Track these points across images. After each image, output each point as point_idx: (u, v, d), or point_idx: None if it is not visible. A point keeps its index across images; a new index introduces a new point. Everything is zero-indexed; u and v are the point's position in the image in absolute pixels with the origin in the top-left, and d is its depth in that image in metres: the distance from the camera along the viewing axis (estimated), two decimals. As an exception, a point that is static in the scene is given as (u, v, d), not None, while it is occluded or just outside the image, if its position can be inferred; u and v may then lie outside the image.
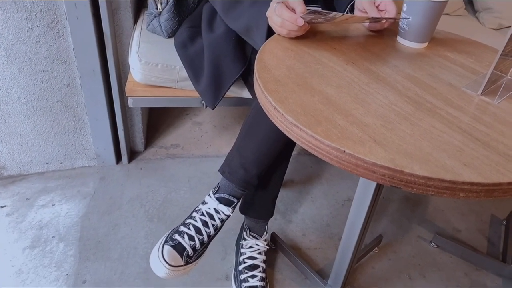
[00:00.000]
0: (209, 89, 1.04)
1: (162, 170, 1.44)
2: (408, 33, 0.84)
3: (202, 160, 1.50)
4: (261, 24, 0.84)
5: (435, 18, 0.82)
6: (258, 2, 0.86)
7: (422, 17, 0.81)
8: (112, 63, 1.22)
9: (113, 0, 1.18)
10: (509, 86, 0.73)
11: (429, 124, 0.60)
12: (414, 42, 0.84)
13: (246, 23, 0.89)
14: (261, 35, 0.85)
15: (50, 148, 1.35)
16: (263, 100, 0.66)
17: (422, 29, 0.83)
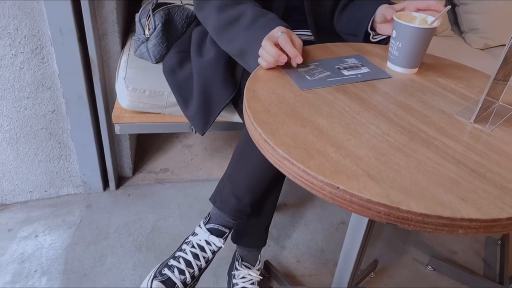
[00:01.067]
0: (199, 115, 1.02)
1: (151, 196, 1.40)
2: (398, 59, 0.83)
3: (192, 185, 1.46)
4: (255, 49, 0.83)
5: (425, 43, 0.81)
6: (253, 27, 0.85)
7: (412, 42, 0.80)
8: (99, 88, 1.20)
9: (100, 25, 1.17)
10: (500, 112, 0.72)
11: (423, 156, 0.59)
12: (405, 68, 0.84)
13: (240, 45, 0.88)
14: (255, 58, 0.84)
15: (34, 176, 1.31)
16: (253, 132, 0.64)
17: (412, 55, 0.82)
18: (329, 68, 0.83)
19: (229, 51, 0.93)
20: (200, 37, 1.08)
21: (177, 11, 1.16)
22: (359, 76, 0.80)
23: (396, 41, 0.82)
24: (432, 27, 0.80)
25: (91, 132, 1.26)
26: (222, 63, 0.99)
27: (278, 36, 0.77)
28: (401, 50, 0.82)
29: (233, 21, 0.88)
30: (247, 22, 0.86)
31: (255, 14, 0.86)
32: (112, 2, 1.14)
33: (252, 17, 0.85)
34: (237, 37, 0.87)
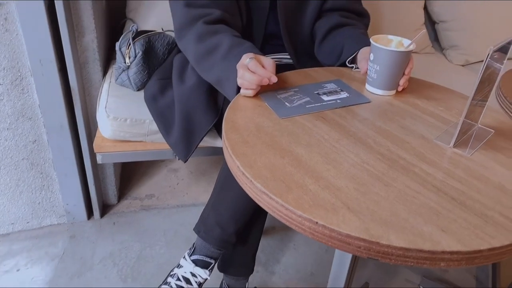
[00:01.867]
0: (181, 142, 1.01)
1: (136, 224, 1.37)
2: (377, 81, 0.84)
3: (179, 211, 1.44)
4: (231, 78, 0.83)
5: (402, 66, 0.82)
6: (229, 57, 0.86)
7: (390, 65, 0.81)
8: (80, 117, 1.18)
9: (81, 54, 1.16)
10: (480, 135, 0.72)
11: (403, 184, 0.58)
12: (383, 90, 0.84)
13: (217, 75, 0.88)
14: (232, 88, 0.84)
15: (15, 208, 1.28)
16: (231, 164, 0.63)
17: (390, 77, 0.83)
18: (308, 93, 0.83)
19: (208, 80, 0.93)
20: (182, 64, 1.07)
21: (157, 38, 1.16)
22: (338, 101, 0.80)
23: (374, 64, 0.83)
24: (409, 50, 0.81)
25: (73, 161, 1.24)
26: (204, 89, 0.98)
27: (247, 63, 0.77)
28: (379, 73, 0.82)
29: (210, 50, 0.88)
30: (223, 52, 0.86)
31: (231, 44, 0.86)
32: (92, 31, 1.14)
33: (228, 47, 0.86)
34: (214, 66, 0.87)
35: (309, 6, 1.04)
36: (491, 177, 0.61)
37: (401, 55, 0.80)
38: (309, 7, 1.04)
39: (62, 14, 1.04)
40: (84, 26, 1.13)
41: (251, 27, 1.03)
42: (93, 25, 1.13)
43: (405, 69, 0.83)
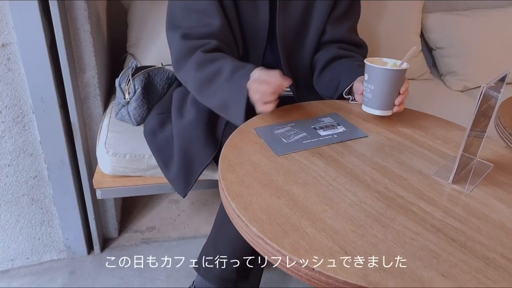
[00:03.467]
0: (179, 177, 1.01)
1: (137, 258, 1.35)
2: (372, 101, 0.84)
3: (180, 243, 1.42)
4: (238, 99, 0.84)
5: (397, 85, 0.82)
6: (233, 78, 0.87)
7: (384, 84, 0.82)
8: (81, 152, 1.19)
9: (82, 90, 1.18)
10: (479, 169, 0.72)
11: (401, 225, 0.57)
12: (379, 109, 0.85)
13: (222, 99, 0.88)
14: (240, 110, 0.84)
15: (15, 244, 1.27)
16: (227, 205, 0.62)
17: (385, 96, 0.83)
18: (305, 128, 0.83)
19: (211, 107, 0.93)
20: (181, 98, 1.08)
21: (157, 73, 1.17)
22: (335, 136, 0.80)
23: (368, 84, 0.83)
24: (402, 69, 0.81)
25: (74, 196, 1.24)
26: (203, 123, 0.99)
27: (257, 76, 0.79)
28: (374, 93, 0.83)
29: (212, 76, 0.89)
30: (227, 74, 0.87)
31: (233, 67, 0.87)
32: (93, 67, 1.16)
33: (231, 70, 0.87)
34: (218, 91, 0.88)
35: (308, 37, 1.06)
36: (492, 215, 0.60)
37: (394, 73, 0.81)
38: (308, 38, 1.06)
39: (63, 52, 1.07)
40: (85, 63, 1.15)
41: (248, 59, 1.05)
42: (94, 62, 1.16)
43: (400, 88, 0.83)
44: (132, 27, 1.39)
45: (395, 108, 0.85)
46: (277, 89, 0.78)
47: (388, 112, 0.85)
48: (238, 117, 0.84)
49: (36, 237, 1.29)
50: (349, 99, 0.96)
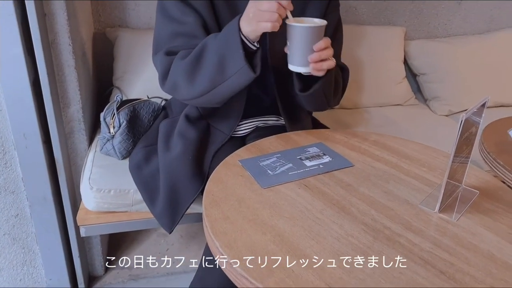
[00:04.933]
0: (165, 212, 0.99)
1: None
2: (290, 58, 0.85)
3: (169, 279, 1.38)
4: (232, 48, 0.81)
5: (309, 42, 0.81)
6: (220, 34, 0.85)
7: (296, 41, 0.82)
8: (65, 188, 1.16)
9: (66, 124, 1.17)
10: (465, 197, 0.71)
11: (389, 258, 0.56)
12: (294, 65, 0.85)
13: (218, 56, 0.84)
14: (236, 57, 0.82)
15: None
16: (211, 243, 0.61)
17: (298, 53, 0.83)
18: (291, 159, 0.82)
19: (210, 81, 0.86)
20: (168, 130, 1.07)
21: (143, 106, 1.17)
22: (321, 166, 0.80)
23: (287, 42, 0.84)
24: (313, 26, 0.81)
25: (57, 234, 1.20)
26: (190, 156, 0.98)
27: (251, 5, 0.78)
28: (290, 50, 0.84)
29: (199, 52, 0.86)
30: (212, 39, 0.85)
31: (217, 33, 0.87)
32: (78, 102, 1.15)
33: (214, 34, 0.87)
34: (211, 51, 0.84)
35: None
36: (480, 244, 0.59)
37: (305, 30, 0.80)
38: None
39: (47, 88, 1.06)
40: (70, 98, 1.14)
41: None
42: (79, 96, 1.15)
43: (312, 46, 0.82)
44: (118, 60, 1.40)
45: (311, 66, 0.83)
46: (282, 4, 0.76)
47: (303, 69, 0.84)
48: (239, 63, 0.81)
49: (17, 278, 1.24)
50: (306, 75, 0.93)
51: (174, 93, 0.96)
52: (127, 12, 1.48)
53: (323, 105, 1.03)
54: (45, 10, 1.03)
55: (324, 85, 0.92)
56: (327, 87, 0.95)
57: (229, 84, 0.85)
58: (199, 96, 0.90)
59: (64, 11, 1.04)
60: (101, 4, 1.45)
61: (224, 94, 0.89)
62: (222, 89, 0.87)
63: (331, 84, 0.97)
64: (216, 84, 0.86)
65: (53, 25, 1.05)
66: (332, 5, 1.03)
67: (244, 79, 0.84)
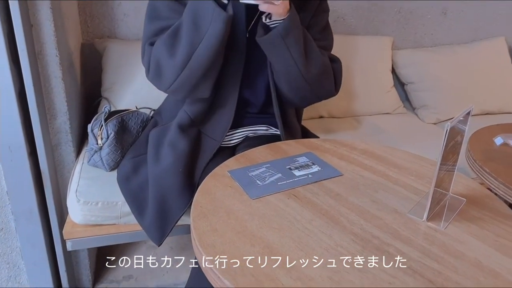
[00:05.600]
0: (154, 224, 0.98)
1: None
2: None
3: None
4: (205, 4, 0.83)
5: None
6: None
7: None
8: (51, 201, 1.14)
9: (53, 136, 1.15)
10: (452, 205, 0.72)
11: (378, 268, 0.56)
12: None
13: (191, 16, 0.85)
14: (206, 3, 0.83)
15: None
16: (199, 256, 0.60)
17: None
18: (280, 169, 0.82)
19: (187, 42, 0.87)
20: (158, 139, 1.05)
21: (131, 117, 1.16)
22: (310, 176, 0.80)
23: None
24: None
25: (43, 248, 1.17)
26: (180, 168, 0.97)
27: None
28: None
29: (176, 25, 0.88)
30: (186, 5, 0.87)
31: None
32: (65, 113, 1.14)
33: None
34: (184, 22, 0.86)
35: None
36: (467, 252, 0.59)
37: None
38: None
39: (33, 100, 1.05)
40: (57, 109, 1.13)
41: (223, 91, 1.02)
42: (66, 108, 1.14)
43: None
44: (107, 71, 1.39)
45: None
46: None
47: (255, 1, 0.83)
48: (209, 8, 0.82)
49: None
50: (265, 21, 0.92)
51: (158, 77, 0.94)
52: (116, 23, 1.48)
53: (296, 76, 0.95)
54: (32, 21, 1.02)
55: (284, 30, 0.88)
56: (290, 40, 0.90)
57: (208, 38, 0.85)
58: (182, 67, 0.89)
59: (51, 22, 1.04)
60: (90, 14, 1.44)
61: (205, 56, 0.87)
62: (203, 50, 0.86)
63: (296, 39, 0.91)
64: (195, 45, 0.87)
65: (39, 36, 1.04)
66: (321, 7, 1.04)
67: (219, 26, 0.84)
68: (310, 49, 0.96)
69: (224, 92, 1.02)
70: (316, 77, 0.98)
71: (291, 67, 0.94)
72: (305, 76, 0.95)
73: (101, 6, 1.44)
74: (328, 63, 1.02)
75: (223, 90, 1.02)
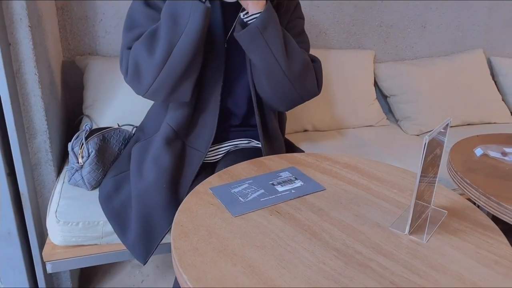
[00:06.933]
0: (139, 243, 0.96)
1: (96, 334, 1.24)
2: None
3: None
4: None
5: None
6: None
7: None
8: (31, 222, 1.12)
9: (33, 156, 1.13)
10: (434, 217, 0.72)
11: (361, 284, 0.55)
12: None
13: (169, 13, 0.86)
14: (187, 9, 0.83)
15: (-46, 331, 1.14)
16: (179, 277, 0.58)
17: None
18: (262, 185, 0.82)
19: (166, 39, 0.86)
20: (140, 155, 1.02)
21: (113, 135, 1.15)
22: (293, 191, 0.79)
23: None
24: None
25: (23, 271, 1.14)
26: (163, 185, 0.95)
27: None
28: None
29: (154, 26, 0.89)
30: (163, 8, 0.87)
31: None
32: (45, 132, 1.12)
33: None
34: (163, 20, 0.86)
35: None
36: (449, 265, 0.60)
37: None
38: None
39: (11, 119, 1.03)
40: (36, 128, 1.11)
41: (204, 100, 1.02)
42: (46, 126, 1.12)
43: None
44: (88, 88, 1.38)
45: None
46: None
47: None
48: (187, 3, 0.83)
49: (-21, 320, 1.16)
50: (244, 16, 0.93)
51: (137, 79, 0.91)
52: (97, 40, 1.47)
53: (277, 72, 0.93)
54: (10, 39, 1.01)
55: (261, 23, 0.88)
56: (268, 34, 0.89)
57: (187, 33, 0.85)
58: (162, 65, 0.87)
59: (30, 40, 1.03)
60: (70, 32, 1.44)
61: (185, 52, 0.86)
62: (182, 46, 0.86)
63: (274, 33, 0.90)
64: (174, 41, 0.86)
65: (17, 54, 1.03)
66: (296, 13, 1.06)
67: (198, 19, 0.83)
68: (290, 45, 0.94)
69: (205, 101, 1.01)
70: (298, 74, 0.95)
71: (271, 64, 0.92)
72: (287, 73, 0.93)
73: (82, 23, 1.44)
74: (309, 61, 1.00)
75: (204, 99, 1.01)
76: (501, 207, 0.88)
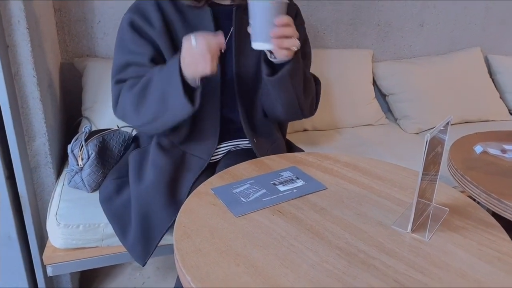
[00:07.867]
0: (138, 244, 0.95)
1: (97, 337, 1.24)
2: (252, 35, 0.85)
3: (145, 315, 1.32)
4: (173, 83, 0.86)
5: (270, 17, 0.83)
6: (163, 69, 0.89)
7: (255, 16, 0.83)
8: (31, 226, 1.11)
9: (32, 158, 1.12)
10: (436, 215, 0.72)
11: (364, 283, 0.55)
12: (256, 42, 0.85)
13: (160, 91, 0.89)
14: (176, 89, 0.86)
15: (-46, 335, 1.13)
16: (182, 278, 0.58)
17: (258, 29, 0.84)
18: (264, 185, 0.82)
19: (154, 112, 0.92)
20: (139, 161, 1.03)
21: (112, 136, 1.15)
22: (295, 191, 0.79)
23: (250, 20, 0.85)
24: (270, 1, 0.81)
25: (23, 274, 1.13)
26: (162, 185, 0.95)
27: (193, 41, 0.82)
28: (252, 27, 0.85)
29: (145, 85, 0.91)
30: (157, 74, 0.89)
31: (161, 66, 0.91)
32: (44, 134, 1.12)
33: (159, 68, 0.90)
34: (155, 87, 0.89)
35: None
36: (452, 263, 0.60)
37: (266, 5, 0.82)
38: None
39: (10, 122, 1.03)
40: (35, 131, 1.11)
41: (205, 111, 1.02)
42: (45, 129, 1.12)
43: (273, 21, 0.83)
44: (87, 90, 1.38)
45: (273, 42, 0.84)
46: (210, 46, 0.81)
47: (265, 45, 0.85)
48: (179, 101, 0.86)
49: (-21, 324, 1.15)
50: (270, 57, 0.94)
51: (124, 119, 1.01)
52: (95, 42, 1.47)
53: (294, 105, 1.00)
54: (8, 41, 1.01)
55: (292, 71, 0.92)
56: (296, 79, 0.95)
57: (170, 115, 0.92)
58: (145, 124, 0.96)
59: (28, 42, 1.02)
60: (69, 33, 1.43)
61: (166, 124, 0.95)
62: (164, 120, 0.93)
63: (299, 75, 0.96)
64: (159, 116, 0.92)
65: (16, 57, 1.02)
66: (298, 20, 1.08)
67: (184, 112, 0.90)
68: (307, 82, 1.02)
69: (205, 114, 1.02)
70: (308, 104, 1.07)
71: (292, 99, 1.00)
72: (301, 105, 1.02)
73: (80, 25, 1.43)
74: (314, 88, 1.08)
75: (204, 112, 1.02)
76: (502, 204, 0.88)
